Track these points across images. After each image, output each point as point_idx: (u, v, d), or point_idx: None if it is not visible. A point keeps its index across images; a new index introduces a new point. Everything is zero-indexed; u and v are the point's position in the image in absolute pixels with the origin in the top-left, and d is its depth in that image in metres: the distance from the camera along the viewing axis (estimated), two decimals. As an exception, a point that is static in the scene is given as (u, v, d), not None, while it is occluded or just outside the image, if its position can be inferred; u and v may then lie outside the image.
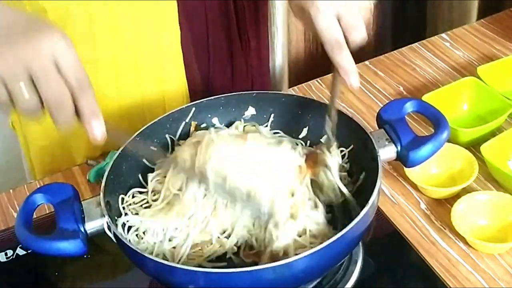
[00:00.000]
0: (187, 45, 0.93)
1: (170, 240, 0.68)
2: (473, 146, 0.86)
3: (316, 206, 0.69)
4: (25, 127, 0.98)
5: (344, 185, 0.71)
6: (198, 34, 0.94)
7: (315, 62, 1.38)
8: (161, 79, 0.94)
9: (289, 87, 1.10)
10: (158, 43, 0.91)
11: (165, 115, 0.79)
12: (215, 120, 0.81)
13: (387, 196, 0.83)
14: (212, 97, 0.81)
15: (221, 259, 0.68)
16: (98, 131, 0.58)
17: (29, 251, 0.79)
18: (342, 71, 0.69)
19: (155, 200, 0.72)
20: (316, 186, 0.71)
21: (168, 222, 0.68)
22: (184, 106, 0.80)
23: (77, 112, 0.58)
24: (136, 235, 0.69)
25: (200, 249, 0.67)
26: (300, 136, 0.80)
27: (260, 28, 1.00)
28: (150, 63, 0.92)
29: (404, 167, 0.76)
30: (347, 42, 0.68)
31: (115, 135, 0.63)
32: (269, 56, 1.07)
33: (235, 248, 0.68)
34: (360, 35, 0.69)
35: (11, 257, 0.79)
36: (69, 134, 0.95)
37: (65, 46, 0.57)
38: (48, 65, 0.56)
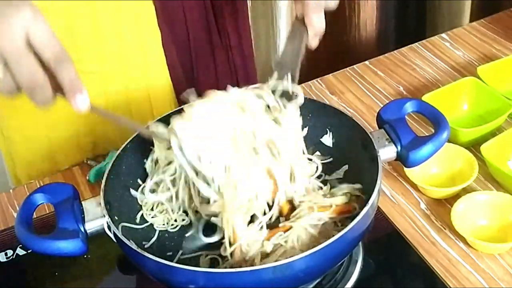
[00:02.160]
0: (168, 46, 0.93)
1: None
2: (473, 146, 0.86)
3: None
4: (7, 140, 0.97)
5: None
6: (179, 34, 0.94)
7: (315, 62, 1.38)
8: (146, 80, 0.94)
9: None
10: (140, 45, 0.91)
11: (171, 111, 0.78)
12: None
13: (387, 196, 0.83)
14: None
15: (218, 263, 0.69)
16: (82, 104, 0.57)
17: (29, 251, 0.79)
18: (312, 31, 0.73)
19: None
20: None
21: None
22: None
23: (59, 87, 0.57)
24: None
25: None
26: (300, 136, 0.81)
27: (239, 25, 1.01)
28: (134, 65, 0.92)
29: (404, 167, 0.76)
30: None
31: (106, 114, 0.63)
32: (254, 54, 1.08)
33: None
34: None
35: (11, 257, 0.79)
36: (55, 147, 0.95)
37: (36, 21, 0.55)
38: (18, 45, 0.54)
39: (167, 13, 0.91)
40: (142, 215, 0.74)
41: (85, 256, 0.75)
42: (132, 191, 0.74)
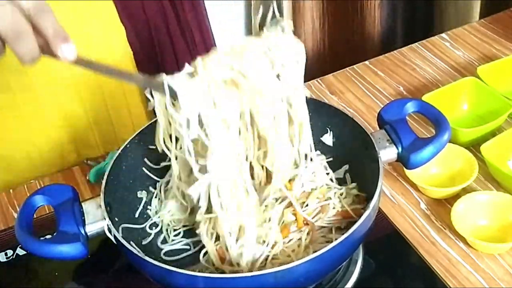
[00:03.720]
0: (134, 43, 0.94)
1: None
2: (473, 146, 0.87)
3: None
4: None
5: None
6: (142, 31, 0.95)
7: (316, 62, 1.39)
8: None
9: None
10: (107, 43, 0.92)
11: None
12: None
13: (387, 196, 0.83)
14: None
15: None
16: (69, 53, 0.55)
17: (28, 252, 0.79)
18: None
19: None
20: None
21: None
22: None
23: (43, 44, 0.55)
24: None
25: None
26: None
27: (200, 21, 1.02)
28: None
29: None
30: None
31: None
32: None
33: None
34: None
35: (11, 257, 0.79)
36: (36, 161, 0.94)
37: None
38: None
39: (128, 10, 0.92)
40: (142, 214, 0.75)
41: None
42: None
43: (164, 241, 0.74)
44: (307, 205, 0.70)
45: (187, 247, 0.73)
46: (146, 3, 0.94)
